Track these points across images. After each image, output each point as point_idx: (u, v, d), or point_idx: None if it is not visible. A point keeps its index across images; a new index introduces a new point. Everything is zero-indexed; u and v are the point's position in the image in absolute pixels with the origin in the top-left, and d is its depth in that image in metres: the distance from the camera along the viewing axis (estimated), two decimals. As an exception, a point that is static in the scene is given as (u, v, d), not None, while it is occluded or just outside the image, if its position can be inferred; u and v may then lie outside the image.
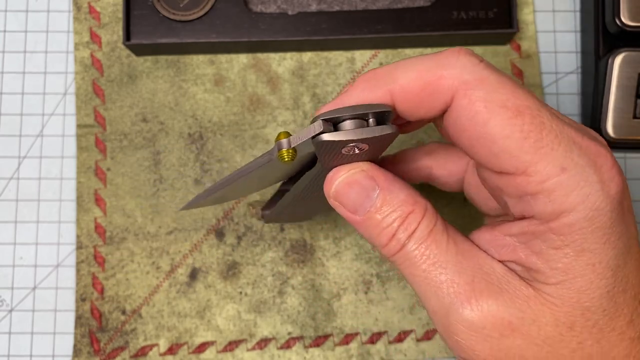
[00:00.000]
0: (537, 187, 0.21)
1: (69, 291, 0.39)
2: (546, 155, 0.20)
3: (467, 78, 0.21)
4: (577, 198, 0.20)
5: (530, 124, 0.20)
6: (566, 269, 0.21)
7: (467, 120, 0.21)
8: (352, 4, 0.39)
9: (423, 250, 0.23)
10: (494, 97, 0.20)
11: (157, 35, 0.39)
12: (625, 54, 0.38)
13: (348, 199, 0.24)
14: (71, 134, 0.40)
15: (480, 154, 0.21)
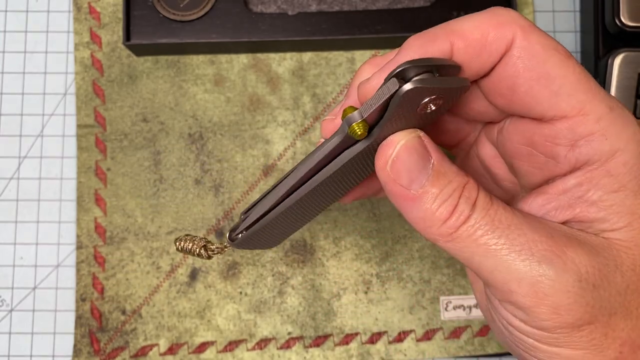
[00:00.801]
0: (594, 125, 0.21)
1: (69, 291, 0.39)
2: (597, 95, 0.22)
3: (523, 24, 0.22)
4: (628, 136, 0.21)
5: (579, 67, 0.22)
6: (630, 210, 0.21)
7: (527, 61, 0.22)
8: (352, 4, 0.40)
9: (493, 216, 0.21)
10: (549, 42, 0.22)
11: (157, 36, 0.39)
12: (625, 54, 0.38)
13: (404, 170, 0.22)
14: (71, 134, 0.41)
15: (537, 97, 0.22)
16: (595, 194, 0.22)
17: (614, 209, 0.21)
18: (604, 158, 0.22)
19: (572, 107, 0.22)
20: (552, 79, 0.22)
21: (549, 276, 0.20)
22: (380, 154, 0.23)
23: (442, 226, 0.22)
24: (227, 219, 0.39)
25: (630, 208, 0.21)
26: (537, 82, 0.22)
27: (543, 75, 0.22)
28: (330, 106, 0.40)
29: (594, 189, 0.22)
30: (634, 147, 0.21)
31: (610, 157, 0.21)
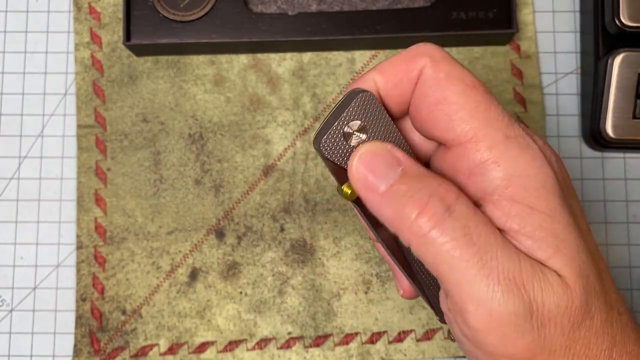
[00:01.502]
0: (485, 153, 0.22)
1: (70, 291, 0.39)
2: (493, 124, 0.22)
3: (433, 54, 0.24)
4: (524, 162, 0.22)
5: (482, 97, 0.23)
6: (553, 233, 0.21)
7: (431, 87, 0.23)
8: (352, 5, 0.40)
9: (472, 229, 0.21)
10: (455, 72, 0.23)
11: (158, 36, 0.39)
12: (625, 54, 0.38)
13: (371, 170, 0.23)
14: (72, 134, 0.41)
15: (437, 121, 0.23)
16: (514, 223, 0.21)
17: (537, 234, 0.21)
18: (501, 186, 0.21)
19: (465, 133, 0.22)
20: (449, 105, 0.22)
21: (507, 308, 0.20)
22: (350, 162, 0.23)
23: (412, 225, 0.21)
24: (227, 219, 0.39)
25: (552, 231, 0.21)
26: (436, 107, 0.23)
27: (441, 100, 0.23)
28: (330, 106, 0.40)
29: (510, 219, 0.21)
30: (534, 171, 0.21)
31: (508, 184, 0.21)
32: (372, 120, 0.24)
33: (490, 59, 0.41)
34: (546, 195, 0.21)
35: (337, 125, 0.24)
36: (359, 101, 0.24)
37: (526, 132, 0.23)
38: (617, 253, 0.40)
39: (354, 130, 0.24)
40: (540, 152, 0.22)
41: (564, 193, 0.22)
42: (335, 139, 0.24)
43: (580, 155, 0.40)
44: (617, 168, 0.40)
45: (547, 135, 0.40)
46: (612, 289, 0.23)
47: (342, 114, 0.24)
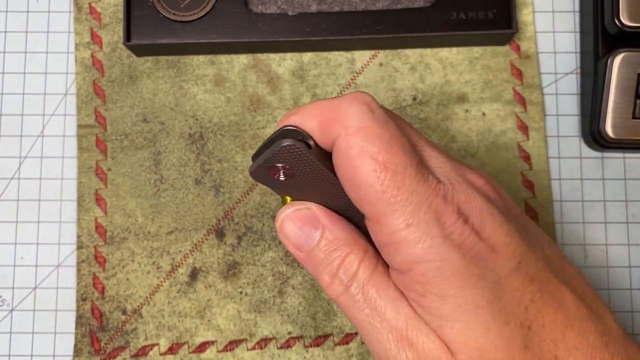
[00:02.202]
0: (388, 238, 0.23)
1: (70, 291, 0.39)
2: (396, 211, 0.22)
3: (350, 124, 0.23)
4: (422, 250, 0.22)
5: (390, 180, 0.22)
6: (440, 314, 0.23)
7: (342, 161, 0.23)
8: (352, 5, 0.40)
9: (365, 294, 0.24)
10: (367, 148, 0.22)
11: (158, 36, 0.39)
12: (625, 54, 0.38)
13: (291, 234, 0.26)
14: (72, 134, 0.41)
15: (350, 193, 0.24)
16: (411, 295, 0.23)
17: (428, 311, 0.23)
18: (401, 269, 0.23)
19: (373, 215, 0.23)
20: (359, 185, 0.23)
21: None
22: (276, 218, 0.27)
23: (327, 288, 0.25)
24: (227, 219, 0.40)
25: (439, 312, 0.23)
26: (348, 183, 0.23)
27: (352, 179, 0.23)
28: (330, 106, 0.40)
29: (409, 292, 0.24)
30: (431, 259, 0.22)
31: (406, 269, 0.23)
32: (299, 166, 0.24)
33: (490, 59, 0.41)
34: (442, 279, 0.22)
35: (264, 163, 0.24)
36: (285, 149, 0.24)
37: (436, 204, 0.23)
38: (616, 253, 0.40)
39: (280, 169, 0.25)
40: (440, 238, 0.22)
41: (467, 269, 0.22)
42: (263, 171, 0.25)
43: (580, 155, 0.41)
44: (617, 168, 0.40)
45: (547, 135, 0.41)
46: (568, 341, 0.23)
47: (270, 155, 0.24)
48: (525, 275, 0.23)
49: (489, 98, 0.40)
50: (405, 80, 0.41)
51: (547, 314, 0.23)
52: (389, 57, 0.41)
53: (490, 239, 0.23)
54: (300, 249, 0.26)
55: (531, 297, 0.23)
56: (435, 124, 0.40)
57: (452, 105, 0.40)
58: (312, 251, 0.26)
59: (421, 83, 0.41)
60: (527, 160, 0.40)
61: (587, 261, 0.40)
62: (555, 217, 0.40)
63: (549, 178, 0.40)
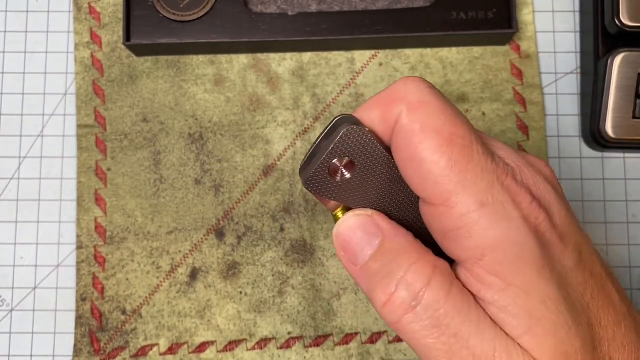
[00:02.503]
0: (458, 220, 0.20)
1: (70, 291, 0.39)
2: (467, 188, 0.20)
3: (411, 100, 0.21)
4: (498, 233, 0.20)
5: (459, 154, 0.20)
6: (527, 312, 0.20)
7: (404, 139, 0.21)
8: (352, 5, 0.40)
9: (442, 318, 0.20)
10: (431, 121, 0.21)
11: (157, 36, 0.39)
12: (625, 54, 0.38)
13: (349, 245, 0.23)
14: (72, 134, 0.41)
15: (411, 176, 0.21)
16: (488, 294, 0.20)
17: (510, 310, 0.20)
18: (474, 257, 0.20)
19: (438, 196, 0.20)
20: (422, 163, 0.20)
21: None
22: (335, 228, 0.24)
23: (381, 311, 0.21)
24: (227, 219, 0.40)
25: (525, 309, 0.20)
26: (408, 164, 0.21)
27: (414, 157, 0.21)
28: (330, 106, 0.40)
29: (484, 288, 0.20)
30: (508, 244, 0.20)
31: (481, 256, 0.20)
32: (361, 154, 0.22)
33: (490, 59, 0.41)
34: (522, 268, 0.20)
35: (325, 160, 0.22)
36: (346, 135, 0.22)
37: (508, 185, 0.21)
38: (617, 253, 0.40)
39: (340, 165, 0.22)
40: (518, 220, 0.20)
41: (545, 256, 0.20)
42: (321, 173, 0.23)
43: (580, 155, 0.40)
44: (617, 168, 0.40)
45: (547, 135, 0.41)
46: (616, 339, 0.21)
47: (328, 149, 0.22)
48: (585, 268, 0.21)
49: (489, 98, 0.40)
50: (405, 80, 0.41)
51: (602, 311, 0.21)
52: (389, 57, 0.41)
53: (558, 227, 0.21)
54: (355, 262, 0.22)
55: (591, 292, 0.21)
56: (435, 124, 0.40)
57: (452, 105, 0.40)
58: (367, 263, 0.22)
59: (421, 83, 0.41)
60: (527, 160, 0.40)
61: (588, 261, 0.40)
62: (555, 217, 0.40)
63: (549, 178, 0.40)
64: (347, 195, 0.23)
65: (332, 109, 0.40)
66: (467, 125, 0.21)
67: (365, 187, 0.23)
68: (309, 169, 0.23)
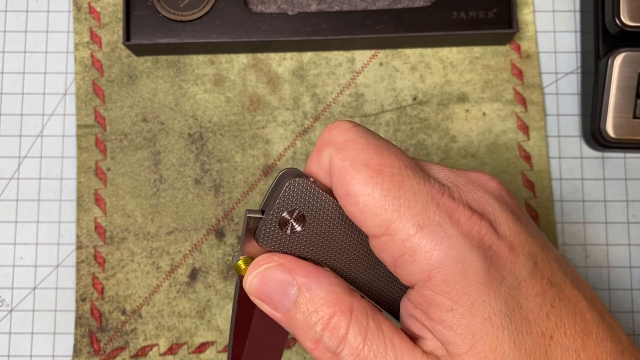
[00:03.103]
0: (401, 247, 0.21)
1: (69, 291, 0.39)
2: (403, 214, 0.21)
3: (337, 141, 0.22)
4: (440, 254, 0.20)
5: (389, 182, 0.21)
6: (470, 330, 0.20)
7: (338, 178, 0.22)
8: (352, 4, 0.39)
9: (362, 358, 0.22)
10: (359, 157, 0.21)
11: (157, 36, 0.39)
12: (625, 54, 0.38)
13: (265, 296, 0.23)
14: (71, 134, 0.41)
15: (352, 213, 0.22)
16: (435, 313, 0.21)
17: (455, 330, 0.21)
18: (422, 279, 0.21)
19: (378, 226, 0.21)
20: (357, 197, 0.21)
21: None
22: (244, 279, 0.24)
23: (312, 352, 0.23)
24: (227, 219, 0.39)
25: (469, 327, 0.20)
26: (347, 201, 0.22)
27: (349, 193, 0.21)
28: (330, 106, 0.40)
29: (432, 308, 0.21)
30: (451, 263, 0.20)
31: (427, 278, 0.21)
32: (309, 207, 0.23)
33: (490, 59, 0.41)
34: (467, 287, 0.20)
35: (270, 217, 0.23)
36: (289, 188, 0.22)
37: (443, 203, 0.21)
38: (617, 253, 0.40)
39: (290, 218, 0.23)
40: (458, 237, 0.20)
41: (493, 269, 0.20)
42: (270, 231, 0.23)
43: (580, 155, 0.40)
44: (618, 168, 0.40)
45: (548, 135, 0.40)
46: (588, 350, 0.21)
47: (274, 205, 0.22)
48: (543, 277, 0.21)
49: (490, 98, 0.40)
50: (406, 79, 0.41)
51: (567, 320, 0.21)
52: (389, 56, 0.41)
53: (506, 237, 0.21)
54: (275, 309, 0.23)
55: (551, 302, 0.21)
56: (436, 123, 0.40)
57: (453, 105, 0.40)
58: (289, 312, 0.23)
59: (421, 83, 0.40)
60: (527, 160, 0.40)
61: (588, 261, 0.39)
62: (555, 217, 0.40)
63: (550, 178, 0.40)
64: (302, 248, 0.24)
65: (332, 109, 0.40)
66: (396, 153, 0.22)
67: (319, 237, 0.24)
68: (259, 228, 0.23)
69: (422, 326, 0.22)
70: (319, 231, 0.23)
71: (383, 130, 0.40)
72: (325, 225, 0.23)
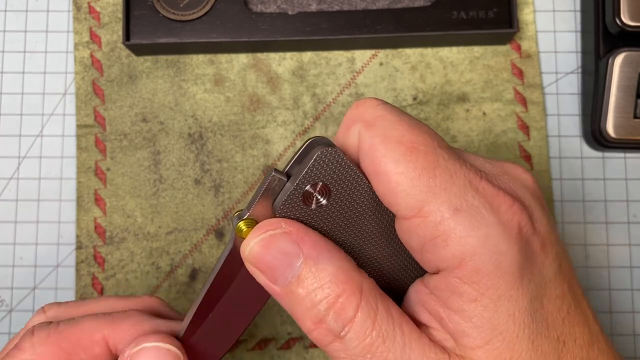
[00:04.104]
0: (433, 230, 0.19)
1: (69, 291, 0.39)
2: (439, 195, 0.19)
3: (367, 118, 0.21)
4: (476, 241, 0.19)
5: (424, 161, 0.20)
6: (491, 324, 0.19)
7: (368, 155, 0.20)
8: (352, 4, 0.39)
9: (369, 345, 0.20)
10: (390, 133, 0.20)
11: (157, 35, 0.39)
12: (626, 54, 0.37)
13: (265, 265, 0.21)
14: (71, 134, 0.40)
15: (382, 192, 0.20)
16: (456, 302, 0.20)
17: (474, 321, 0.19)
18: (451, 266, 0.20)
19: (411, 207, 0.20)
20: (389, 176, 0.20)
21: None
22: (241, 246, 0.22)
23: (311, 333, 0.21)
24: (227, 219, 0.39)
25: (491, 322, 0.19)
26: (377, 179, 0.20)
27: (380, 171, 0.20)
28: (330, 106, 0.40)
29: (454, 297, 0.20)
30: (487, 252, 0.19)
31: (458, 264, 0.19)
32: (337, 180, 0.21)
33: (490, 59, 0.41)
34: (498, 278, 0.19)
35: (295, 189, 0.20)
36: (320, 157, 0.20)
37: (483, 188, 0.20)
38: (617, 253, 0.40)
39: (314, 192, 0.21)
40: (496, 226, 0.19)
41: (526, 264, 0.19)
42: (292, 204, 0.21)
43: (581, 155, 0.40)
44: (618, 168, 0.40)
45: (548, 135, 0.40)
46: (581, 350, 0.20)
47: (301, 174, 0.20)
48: (564, 281, 0.20)
49: (490, 98, 0.40)
50: (406, 79, 0.40)
51: (578, 328, 0.20)
52: (389, 56, 0.41)
53: (540, 234, 0.20)
54: (274, 281, 0.21)
55: (568, 307, 0.20)
56: (436, 123, 0.40)
57: (453, 104, 0.40)
58: (290, 286, 0.21)
59: (422, 82, 0.40)
60: (528, 160, 0.40)
61: (588, 261, 0.39)
62: (556, 217, 0.40)
63: (550, 178, 0.40)
64: (321, 223, 0.22)
65: (332, 109, 0.40)
66: (429, 132, 0.21)
67: (340, 214, 0.22)
68: (280, 195, 0.21)
69: (429, 315, 0.21)
70: (342, 208, 0.22)
71: (383, 130, 0.40)
72: (350, 202, 0.21)
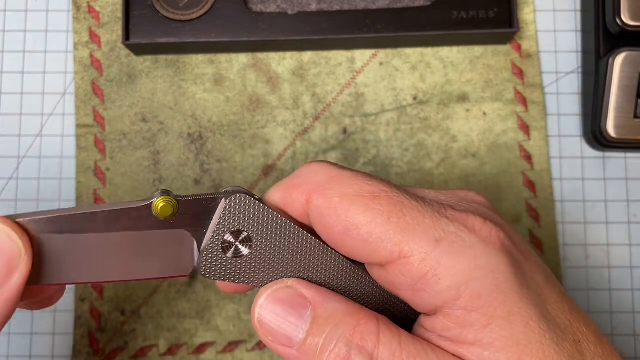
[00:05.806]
0: (420, 267, 0.19)
1: (69, 291, 0.39)
2: (414, 232, 0.19)
3: (319, 180, 0.21)
4: (466, 265, 0.19)
5: (389, 205, 0.19)
6: (514, 341, 0.19)
7: (330, 217, 0.20)
8: (352, 4, 0.39)
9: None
10: (348, 190, 0.20)
11: (157, 35, 0.39)
12: (626, 53, 0.37)
13: (276, 328, 0.20)
14: (70, 134, 0.40)
15: (355, 248, 0.20)
16: (470, 335, 0.19)
17: (497, 345, 0.19)
18: (449, 299, 0.19)
19: (390, 252, 0.19)
20: (359, 229, 0.19)
21: None
22: (252, 307, 0.21)
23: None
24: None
25: (512, 339, 0.19)
26: (346, 237, 0.20)
27: (348, 227, 0.20)
28: (330, 106, 0.40)
29: (466, 330, 0.19)
30: (479, 274, 0.19)
31: (456, 295, 0.19)
32: (255, 226, 0.20)
33: (491, 58, 0.41)
34: (502, 295, 0.19)
35: (213, 237, 0.20)
36: (230, 206, 0.20)
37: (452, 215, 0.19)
38: (618, 253, 0.39)
39: (233, 239, 0.20)
40: (480, 245, 0.19)
41: (520, 274, 0.19)
42: (213, 258, 0.20)
43: (581, 155, 0.40)
44: (618, 168, 0.40)
45: (549, 135, 0.40)
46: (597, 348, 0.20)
47: (217, 221, 0.19)
48: (555, 285, 0.20)
49: (490, 97, 0.40)
50: (406, 79, 0.40)
51: (585, 328, 0.20)
52: (389, 56, 0.41)
53: (518, 245, 0.20)
54: (290, 344, 0.20)
55: (569, 309, 0.20)
56: (436, 123, 0.40)
57: (453, 104, 0.40)
58: (306, 340, 0.20)
59: (422, 82, 0.40)
60: (528, 160, 0.40)
61: (589, 261, 0.39)
62: (556, 217, 0.40)
63: (551, 178, 0.40)
64: (249, 275, 0.21)
65: (332, 109, 0.40)
66: (384, 181, 0.20)
67: (270, 261, 0.21)
68: (199, 255, 0.20)
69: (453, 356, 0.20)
70: (271, 255, 0.21)
71: (383, 130, 0.40)
72: (278, 249, 0.21)
